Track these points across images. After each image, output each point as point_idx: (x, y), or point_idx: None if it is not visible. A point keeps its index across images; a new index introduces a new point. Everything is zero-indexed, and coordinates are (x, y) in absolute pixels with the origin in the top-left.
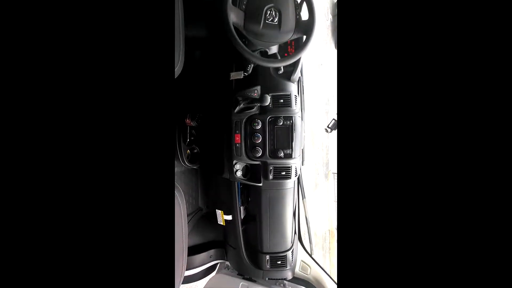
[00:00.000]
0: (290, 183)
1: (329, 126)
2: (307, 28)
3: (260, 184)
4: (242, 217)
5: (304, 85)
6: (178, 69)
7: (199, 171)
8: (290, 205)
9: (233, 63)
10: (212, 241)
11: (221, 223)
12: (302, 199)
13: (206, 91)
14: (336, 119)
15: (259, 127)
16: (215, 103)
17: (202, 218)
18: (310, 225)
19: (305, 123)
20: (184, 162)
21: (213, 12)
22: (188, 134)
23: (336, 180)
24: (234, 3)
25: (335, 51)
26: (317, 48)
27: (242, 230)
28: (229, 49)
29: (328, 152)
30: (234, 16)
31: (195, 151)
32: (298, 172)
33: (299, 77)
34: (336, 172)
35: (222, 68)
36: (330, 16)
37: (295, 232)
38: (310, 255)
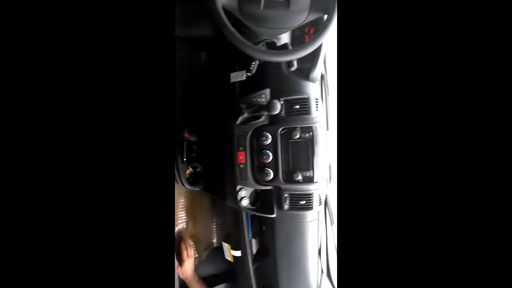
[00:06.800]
0: (313, 214)
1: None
2: (327, 3)
3: (274, 215)
4: (254, 251)
5: (329, 83)
6: None
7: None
8: (313, 241)
9: (237, 63)
10: (226, 272)
11: (229, 259)
12: (331, 225)
13: (207, 99)
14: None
15: (268, 142)
16: (215, 113)
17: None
18: None
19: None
20: (183, 184)
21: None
22: (185, 152)
23: None
24: None
25: None
26: None
27: (254, 269)
28: (231, 45)
29: None
30: None
31: (198, 170)
32: (323, 200)
33: (322, 74)
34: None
35: (224, 69)
36: None
37: (322, 271)
38: None
